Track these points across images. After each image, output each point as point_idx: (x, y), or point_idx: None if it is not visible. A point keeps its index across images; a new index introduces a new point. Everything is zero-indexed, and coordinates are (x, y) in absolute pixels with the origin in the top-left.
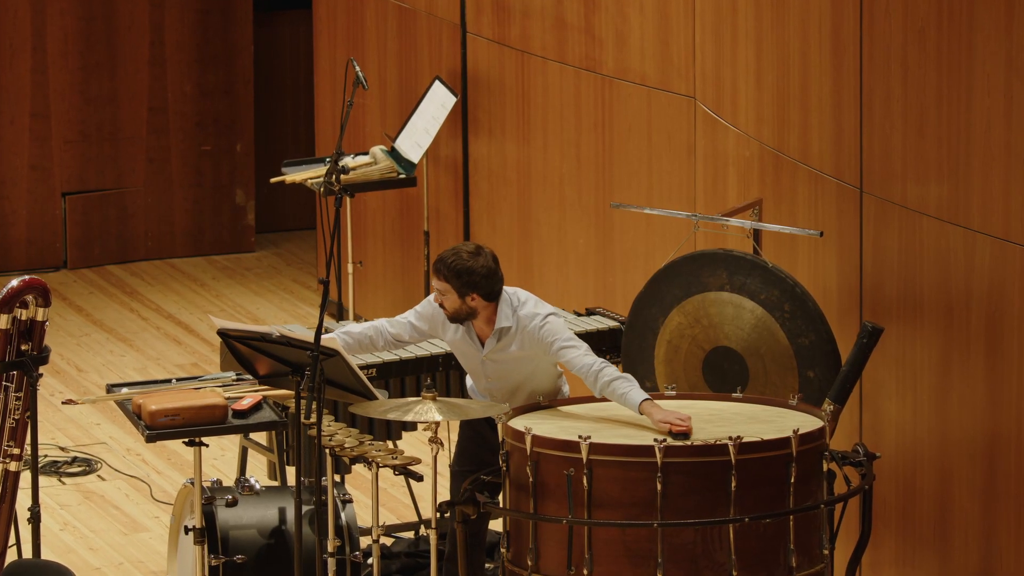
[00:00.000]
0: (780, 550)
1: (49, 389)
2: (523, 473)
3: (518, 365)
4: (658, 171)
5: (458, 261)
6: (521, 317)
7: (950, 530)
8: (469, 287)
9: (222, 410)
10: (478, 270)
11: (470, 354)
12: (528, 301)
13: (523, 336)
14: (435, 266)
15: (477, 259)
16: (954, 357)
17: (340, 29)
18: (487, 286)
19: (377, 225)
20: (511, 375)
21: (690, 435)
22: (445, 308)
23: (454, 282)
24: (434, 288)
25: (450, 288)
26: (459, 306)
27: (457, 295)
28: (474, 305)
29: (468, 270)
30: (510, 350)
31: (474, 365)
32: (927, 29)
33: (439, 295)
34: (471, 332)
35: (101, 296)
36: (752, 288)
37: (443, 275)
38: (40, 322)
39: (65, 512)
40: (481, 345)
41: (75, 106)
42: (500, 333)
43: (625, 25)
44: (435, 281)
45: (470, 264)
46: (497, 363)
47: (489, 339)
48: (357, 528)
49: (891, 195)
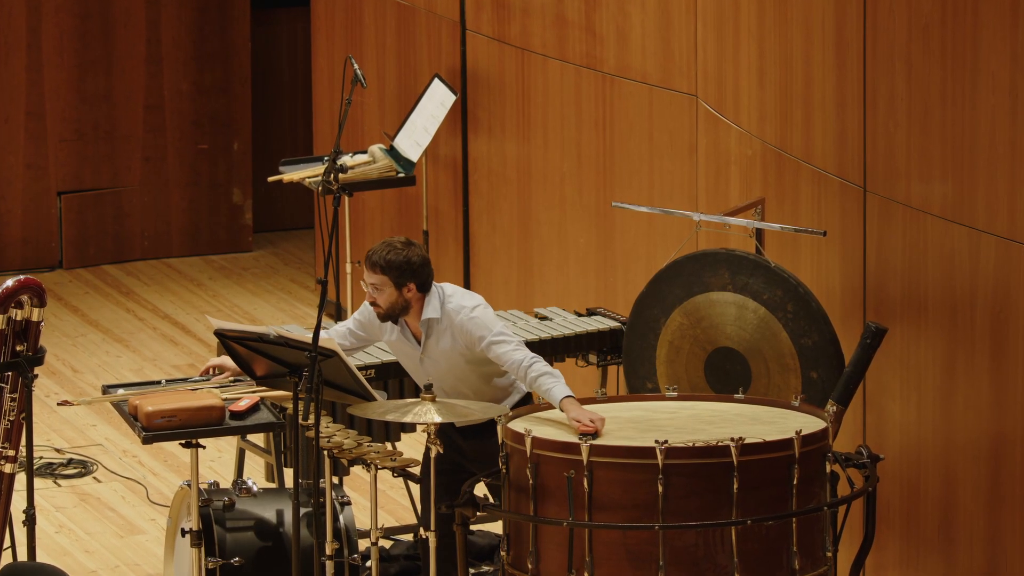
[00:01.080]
0: (783, 552)
1: (44, 390)
2: (523, 475)
3: (454, 361)
4: (659, 170)
5: (393, 252)
6: (449, 310)
7: (954, 533)
8: (406, 277)
9: (219, 411)
10: (414, 259)
11: (409, 354)
12: (455, 294)
13: (453, 329)
14: (369, 260)
15: (412, 249)
16: (959, 358)
17: (338, 27)
18: (423, 275)
19: (376, 224)
20: (450, 372)
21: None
22: (379, 305)
23: (392, 274)
24: (368, 284)
25: (387, 281)
26: (395, 299)
27: (394, 287)
28: (409, 297)
29: (405, 260)
30: (443, 344)
31: (414, 365)
32: (931, 26)
33: (373, 291)
34: (406, 331)
35: (97, 296)
36: (755, 288)
37: (379, 268)
38: (35, 322)
39: (61, 514)
40: (418, 343)
41: (71, 104)
42: (428, 324)
43: (626, 22)
44: (370, 276)
45: (406, 254)
46: (435, 360)
47: (423, 337)
48: (355, 530)
49: (895, 194)
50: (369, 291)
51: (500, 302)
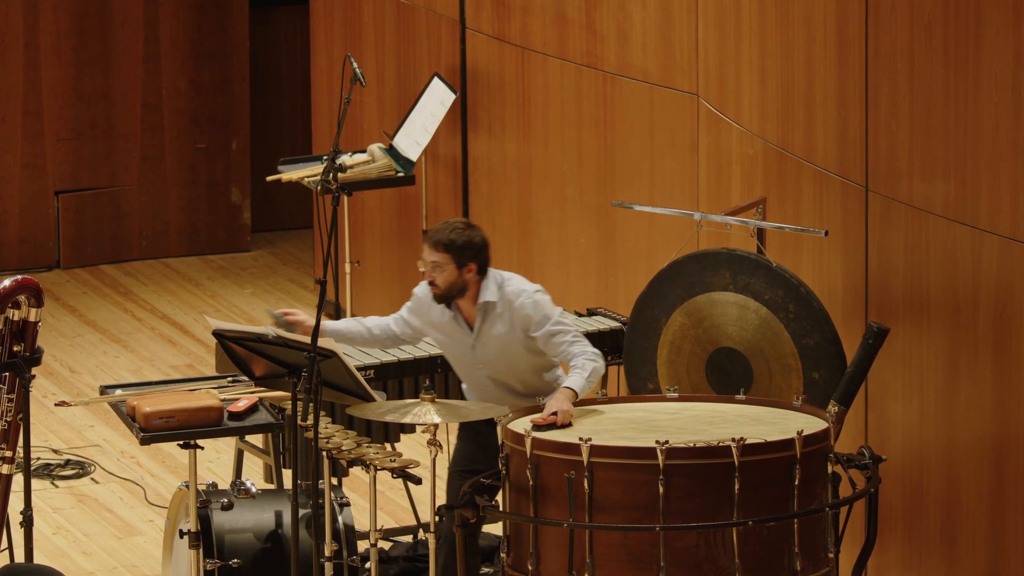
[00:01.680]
0: (784, 553)
1: (42, 391)
2: (523, 476)
3: (508, 347)
4: (660, 169)
5: (456, 231)
6: (507, 293)
7: (957, 534)
8: (468, 257)
9: (217, 412)
10: (476, 240)
11: (460, 340)
12: (513, 278)
13: (511, 313)
14: (431, 239)
15: (474, 230)
16: (961, 358)
17: (337, 25)
18: (483, 256)
19: (375, 224)
20: (502, 360)
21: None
22: (437, 285)
23: (454, 252)
24: (427, 263)
25: (448, 259)
26: (454, 279)
27: (455, 266)
28: (468, 278)
29: (468, 239)
30: (496, 329)
31: (464, 352)
32: (934, 25)
33: (433, 270)
34: (458, 318)
35: (95, 296)
36: (756, 288)
37: (442, 246)
38: (33, 323)
39: (58, 516)
40: (470, 329)
41: (68, 103)
42: (485, 308)
43: (627, 21)
44: (431, 254)
45: (468, 234)
46: (487, 346)
47: (477, 321)
48: (355, 532)
49: (897, 194)
50: (428, 270)
51: None
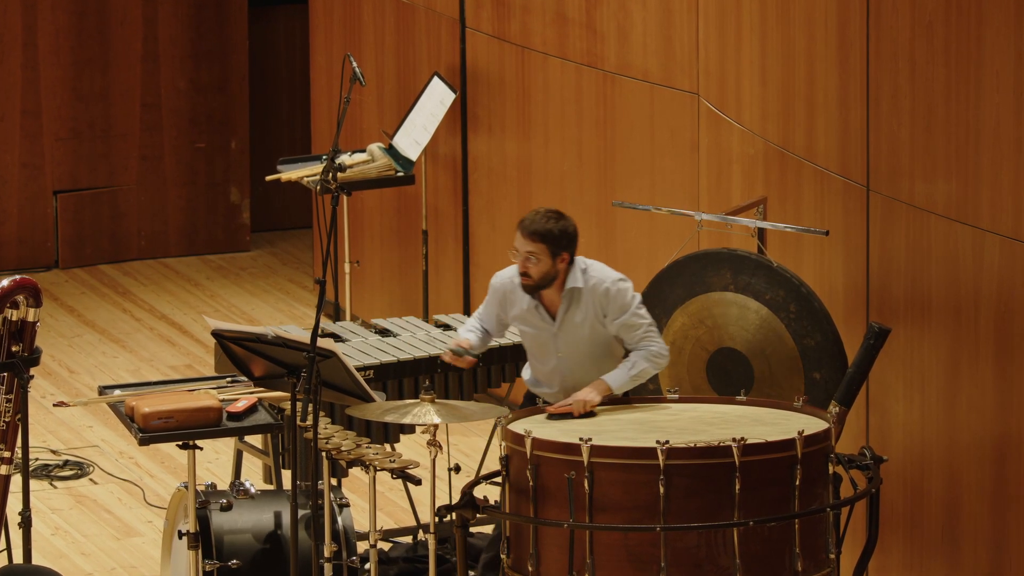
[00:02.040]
0: (785, 554)
1: (40, 391)
2: (523, 477)
3: (587, 336)
4: (661, 169)
5: (551, 221)
6: (590, 279)
7: (959, 535)
8: (563, 247)
9: (216, 412)
10: (570, 229)
11: (542, 329)
12: (595, 265)
13: (595, 299)
14: (527, 228)
15: (566, 219)
16: (963, 358)
17: (337, 24)
18: (575, 245)
19: (374, 224)
20: (582, 347)
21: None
22: (530, 275)
23: (549, 242)
24: (521, 252)
25: (544, 249)
26: (548, 269)
27: (550, 256)
28: (561, 268)
29: (563, 229)
30: (578, 316)
31: (545, 341)
32: (935, 24)
33: (527, 260)
34: (540, 307)
35: (93, 296)
36: (757, 288)
37: (538, 236)
38: (31, 323)
39: (57, 516)
40: (552, 318)
41: (67, 103)
42: (571, 295)
43: (627, 20)
44: (526, 244)
45: (563, 223)
46: (569, 333)
47: (560, 310)
48: (354, 533)
49: (898, 193)
50: (522, 260)
51: None
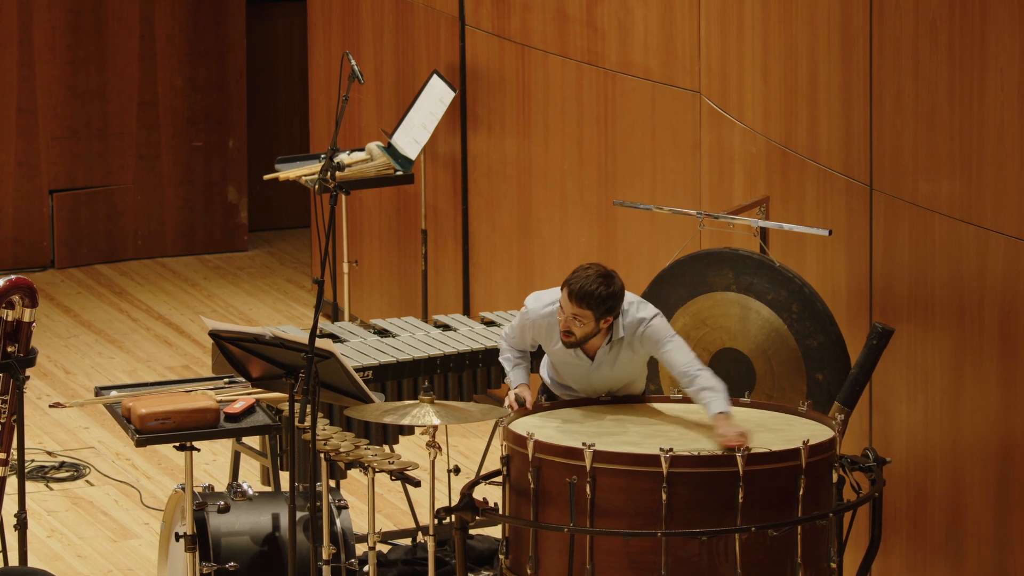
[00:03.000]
0: (787, 563)
1: (36, 392)
2: (524, 479)
3: (626, 369)
4: (662, 168)
5: (601, 288)
6: (628, 325)
7: (963, 537)
8: (609, 312)
9: (214, 414)
10: (619, 293)
11: (577, 366)
12: (629, 307)
13: (634, 342)
14: (577, 295)
15: (614, 282)
16: (967, 359)
17: (335, 22)
18: (619, 307)
19: (373, 223)
20: (617, 381)
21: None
22: (573, 334)
23: (598, 310)
24: (568, 313)
25: (591, 316)
26: (591, 330)
27: (595, 321)
28: (604, 327)
29: (612, 295)
30: (620, 359)
31: (579, 375)
32: (938, 21)
33: (572, 321)
34: (578, 350)
35: (89, 296)
36: (759, 288)
37: (587, 303)
38: (27, 323)
39: (52, 518)
40: (590, 360)
41: (63, 101)
42: (613, 345)
43: (628, 17)
44: (574, 308)
45: (612, 289)
46: (604, 374)
47: (600, 351)
48: (353, 535)
49: (902, 192)
50: (566, 320)
51: (500, 303)
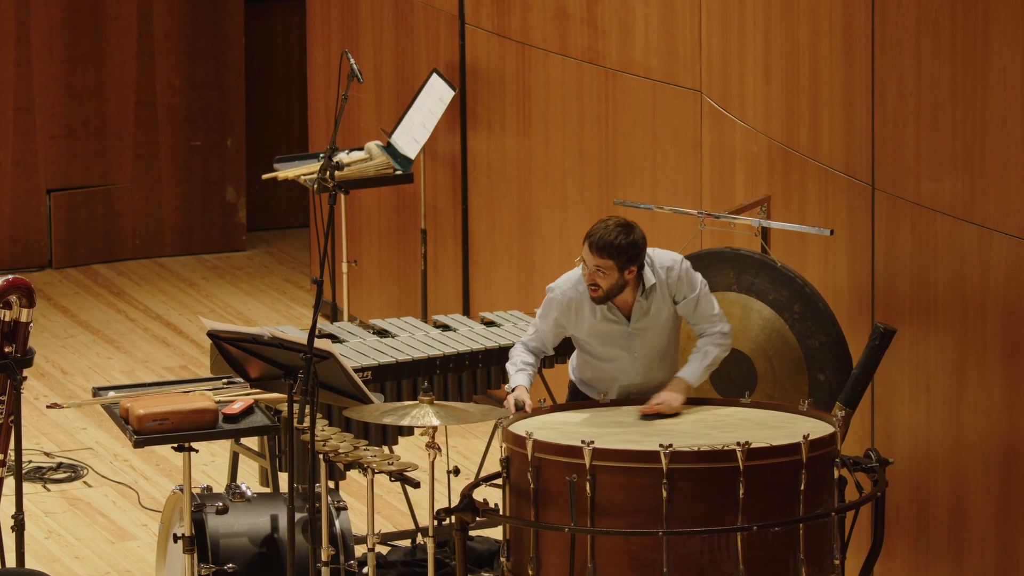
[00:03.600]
0: (789, 560)
1: (33, 392)
2: (524, 480)
3: (662, 327)
4: (663, 167)
5: (621, 237)
6: (659, 269)
7: (965, 538)
8: (631, 259)
9: (212, 414)
10: (638, 242)
11: (614, 333)
12: (656, 253)
13: (667, 287)
14: (597, 245)
15: (635, 232)
16: (969, 359)
17: (334, 20)
18: (643, 257)
19: (372, 223)
20: (657, 340)
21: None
22: (599, 287)
23: (619, 259)
24: (591, 266)
25: (613, 266)
26: (616, 280)
27: (618, 270)
28: (629, 278)
29: (633, 243)
30: (654, 310)
31: (617, 343)
32: (941, 20)
33: (596, 273)
34: (612, 310)
35: (87, 296)
36: (760, 288)
37: (608, 253)
38: (24, 323)
39: (50, 520)
40: (627, 319)
41: (60, 100)
42: (648, 293)
43: (629, 16)
44: (594, 259)
45: (632, 237)
46: (645, 331)
47: (636, 306)
48: (352, 536)
49: (904, 192)
50: (590, 274)
51: (500, 302)
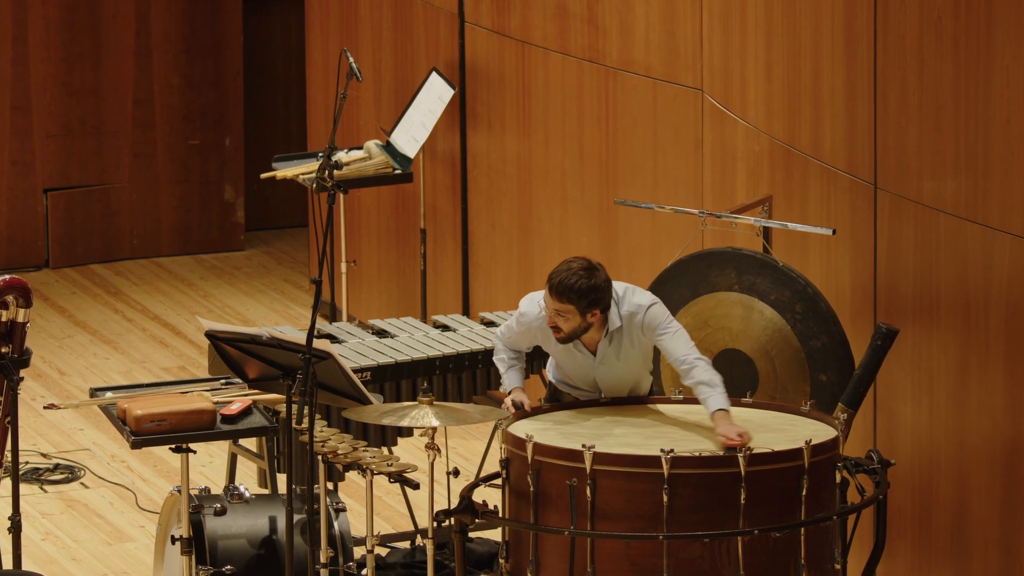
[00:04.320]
0: (790, 565)
1: (30, 393)
2: (524, 482)
3: (630, 363)
4: (664, 166)
5: (582, 281)
6: (624, 315)
7: (968, 540)
8: (592, 304)
9: (210, 415)
10: (599, 284)
11: (581, 365)
12: (625, 294)
13: (633, 331)
14: (557, 289)
15: (597, 274)
16: (972, 359)
17: (333, 18)
18: (607, 299)
19: (372, 222)
20: (625, 376)
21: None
22: (561, 330)
23: (580, 303)
24: (550, 310)
25: (574, 310)
26: (578, 325)
27: (579, 314)
28: (592, 321)
29: (594, 287)
30: (622, 349)
31: (584, 374)
32: (944, 18)
33: (556, 317)
34: (579, 345)
35: (84, 296)
36: (762, 288)
37: (567, 298)
38: (21, 323)
39: (47, 521)
40: (592, 354)
41: (57, 99)
42: (612, 336)
43: (629, 14)
44: (556, 304)
45: (593, 281)
46: (610, 368)
47: (601, 344)
48: (351, 538)
49: (906, 191)
50: (551, 315)
51: (500, 303)
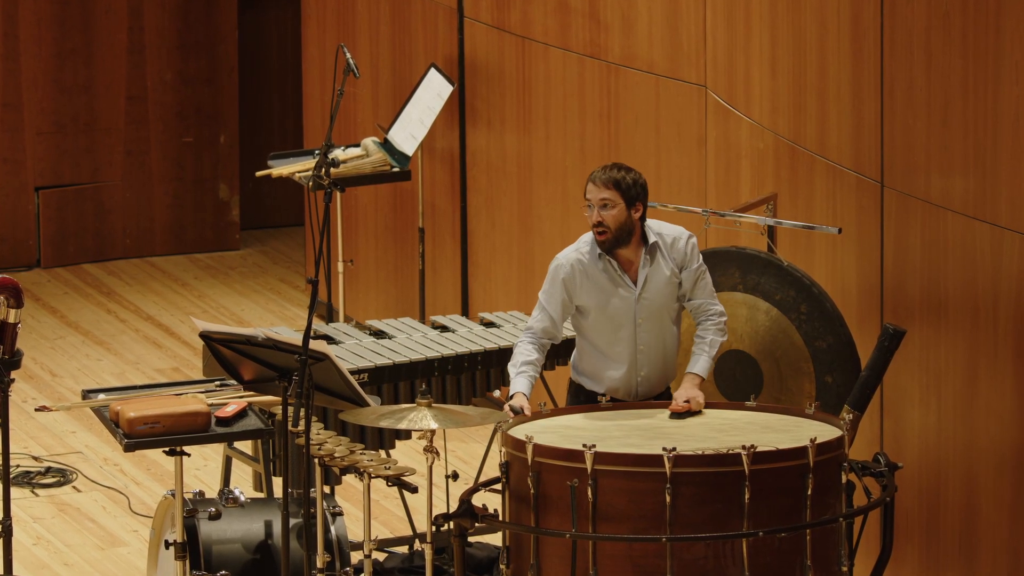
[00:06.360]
0: (796, 566)
1: (21, 395)
2: (524, 485)
3: (667, 298)
4: (667, 164)
5: (623, 171)
6: (664, 234)
7: (976, 544)
8: (636, 196)
9: (205, 417)
10: (641, 180)
11: (621, 299)
12: (663, 224)
13: (673, 253)
14: (600, 177)
15: (637, 172)
16: (980, 361)
17: (329, 13)
18: (645, 200)
19: (369, 221)
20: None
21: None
22: (607, 225)
23: (623, 190)
24: (597, 201)
25: (619, 198)
26: (624, 219)
27: (625, 205)
28: (636, 219)
29: (635, 179)
30: (659, 273)
31: (623, 313)
32: (952, 13)
33: (602, 209)
34: (618, 271)
35: (76, 296)
36: (766, 288)
37: (612, 183)
38: (12, 324)
39: (38, 525)
40: (632, 284)
41: (49, 95)
42: (652, 251)
43: (632, 9)
44: (600, 191)
45: (635, 174)
46: (650, 297)
47: (641, 267)
48: (348, 542)
49: (914, 189)
50: (595, 212)
51: (500, 302)
